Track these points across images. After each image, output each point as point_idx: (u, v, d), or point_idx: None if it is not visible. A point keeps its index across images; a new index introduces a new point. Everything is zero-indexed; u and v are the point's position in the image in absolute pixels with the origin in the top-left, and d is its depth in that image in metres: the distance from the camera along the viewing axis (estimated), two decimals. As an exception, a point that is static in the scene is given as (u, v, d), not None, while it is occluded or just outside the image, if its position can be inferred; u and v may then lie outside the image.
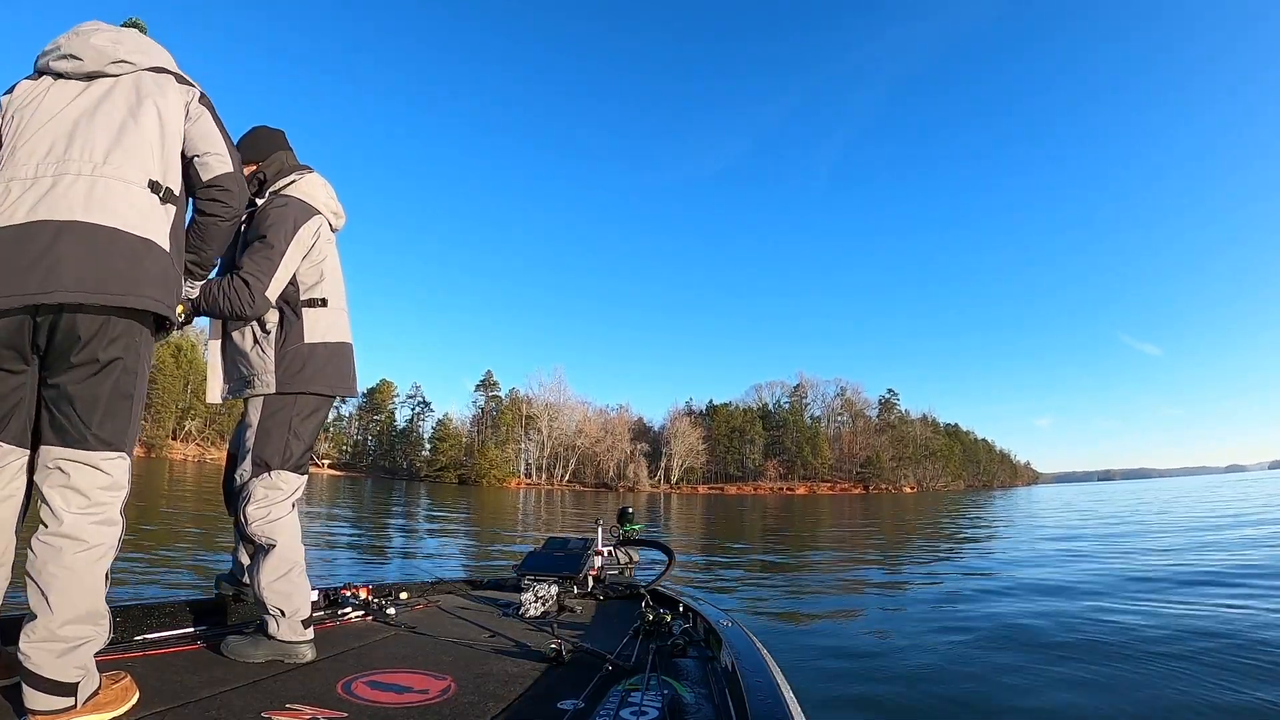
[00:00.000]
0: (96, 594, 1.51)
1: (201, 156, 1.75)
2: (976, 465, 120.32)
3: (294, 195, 2.24)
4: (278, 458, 2.13)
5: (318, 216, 2.25)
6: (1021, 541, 12.99)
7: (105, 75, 1.67)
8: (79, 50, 1.64)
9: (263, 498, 2.10)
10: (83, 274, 1.45)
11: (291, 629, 2.07)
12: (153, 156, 1.62)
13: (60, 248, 1.45)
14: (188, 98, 1.76)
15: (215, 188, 1.77)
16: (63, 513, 1.46)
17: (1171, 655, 4.27)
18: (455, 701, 1.78)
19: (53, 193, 1.48)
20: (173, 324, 1.69)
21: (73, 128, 1.57)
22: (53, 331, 1.47)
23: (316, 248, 2.21)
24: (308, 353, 2.16)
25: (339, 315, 2.27)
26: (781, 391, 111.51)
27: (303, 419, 2.17)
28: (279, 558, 2.08)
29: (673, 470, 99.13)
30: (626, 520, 4.08)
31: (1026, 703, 3.56)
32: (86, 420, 1.50)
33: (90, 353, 1.49)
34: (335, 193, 2.38)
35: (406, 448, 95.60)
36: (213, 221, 1.81)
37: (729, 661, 1.84)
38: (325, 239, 2.26)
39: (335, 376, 2.21)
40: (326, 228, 2.29)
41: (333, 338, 2.22)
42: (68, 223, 1.46)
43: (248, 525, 2.10)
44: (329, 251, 2.27)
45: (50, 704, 1.43)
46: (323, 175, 2.38)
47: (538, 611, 2.99)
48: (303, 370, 2.14)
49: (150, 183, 1.60)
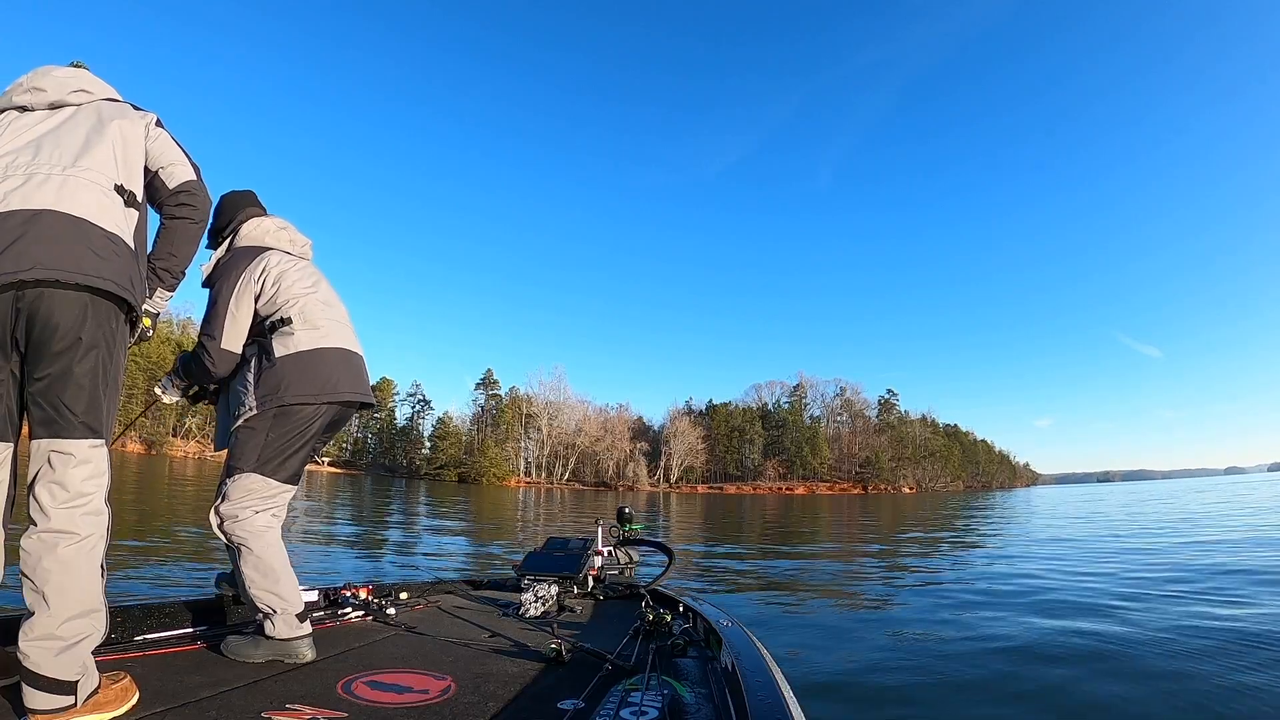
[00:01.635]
0: (93, 587, 1.52)
1: (166, 168, 1.84)
2: (976, 466, 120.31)
3: (240, 246, 2.39)
4: (250, 461, 2.16)
5: (265, 254, 2.34)
6: (1018, 542, 13.00)
7: (67, 104, 1.77)
8: (41, 83, 1.75)
9: (236, 499, 2.14)
10: (59, 254, 1.50)
11: (286, 625, 2.07)
12: (116, 164, 1.71)
13: (34, 230, 1.50)
14: (146, 120, 1.85)
15: (182, 193, 1.85)
16: (50, 509, 1.48)
17: (1168, 654, 4.28)
18: (455, 701, 1.78)
19: (24, 187, 1.54)
20: (140, 320, 1.76)
21: (40, 139, 1.65)
22: (31, 321, 1.50)
23: (269, 282, 2.28)
24: (279, 366, 2.21)
25: (311, 326, 2.27)
26: (781, 391, 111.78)
27: (279, 427, 2.19)
28: (256, 559, 2.11)
29: (672, 469, 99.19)
30: (626, 520, 4.08)
31: (1026, 702, 3.56)
32: (71, 406, 1.53)
33: (70, 337, 1.53)
34: (290, 223, 2.53)
35: (406, 446, 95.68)
36: (182, 225, 1.88)
37: (729, 661, 1.84)
38: (279, 268, 2.32)
39: (314, 382, 2.22)
40: (278, 257, 2.36)
41: (306, 346, 2.24)
42: (40, 210, 1.52)
43: (221, 524, 2.14)
44: (289, 277, 2.31)
45: (50, 703, 1.43)
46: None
47: (538, 611, 3.00)
48: (279, 385, 2.19)
49: (116, 185, 1.68)
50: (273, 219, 2.49)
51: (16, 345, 1.52)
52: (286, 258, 2.38)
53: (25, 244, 1.47)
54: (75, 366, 1.54)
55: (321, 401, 2.23)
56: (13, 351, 1.53)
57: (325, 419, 2.28)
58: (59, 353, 1.52)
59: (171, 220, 1.87)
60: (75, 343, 1.53)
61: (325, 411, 2.26)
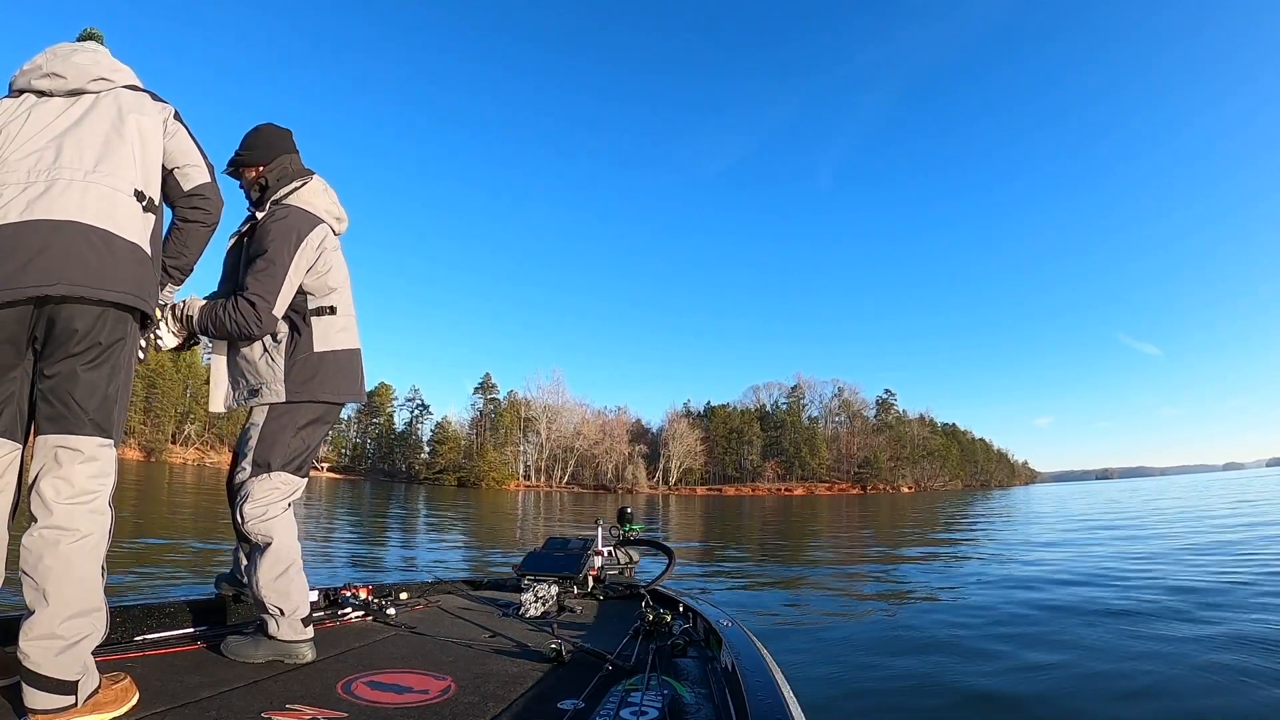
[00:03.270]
0: (94, 587, 1.52)
1: (182, 168, 1.84)
2: (974, 465, 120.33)
3: (295, 205, 2.24)
4: (279, 460, 2.14)
5: (321, 225, 2.24)
6: (1015, 539, 13.01)
7: (87, 92, 1.76)
8: (61, 69, 1.72)
9: (261, 497, 2.12)
10: (84, 268, 1.53)
11: (291, 628, 2.07)
12: (136, 167, 1.71)
13: (60, 243, 1.52)
14: (164, 115, 1.85)
15: (196, 196, 1.86)
16: (54, 503, 1.48)
17: (1168, 654, 4.28)
18: (455, 701, 1.78)
19: (48, 195, 1.55)
20: (152, 321, 1.77)
21: (61, 138, 1.65)
22: (51, 324, 1.53)
23: (322, 258, 2.21)
24: (317, 361, 2.18)
25: (348, 322, 2.28)
26: (779, 392, 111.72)
27: (309, 424, 2.19)
28: (275, 556, 2.09)
29: (671, 472, 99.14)
30: (626, 520, 4.08)
31: (1026, 701, 3.57)
32: (83, 404, 1.55)
33: (89, 340, 1.55)
34: (337, 197, 2.38)
35: (405, 450, 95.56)
36: (194, 228, 1.90)
37: (729, 661, 1.84)
38: (330, 248, 2.25)
39: (344, 384, 2.23)
40: (330, 235, 2.28)
41: (342, 345, 2.23)
42: (65, 221, 1.54)
43: (244, 523, 2.12)
44: (335, 260, 2.27)
45: (51, 703, 1.43)
46: (325, 179, 2.39)
47: (538, 611, 3.00)
48: (313, 379, 2.16)
49: (135, 191, 1.69)
50: (319, 180, 2.34)
51: (34, 344, 1.55)
52: (333, 237, 2.30)
53: (50, 258, 1.50)
54: (90, 367, 1.57)
55: (345, 403, 2.26)
56: (29, 350, 1.55)
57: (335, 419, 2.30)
58: (75, 354, 1.55)
59: (184, 223, 1.89)
60: (92, 345, 1.56)
61: (337, 412, 2.28)
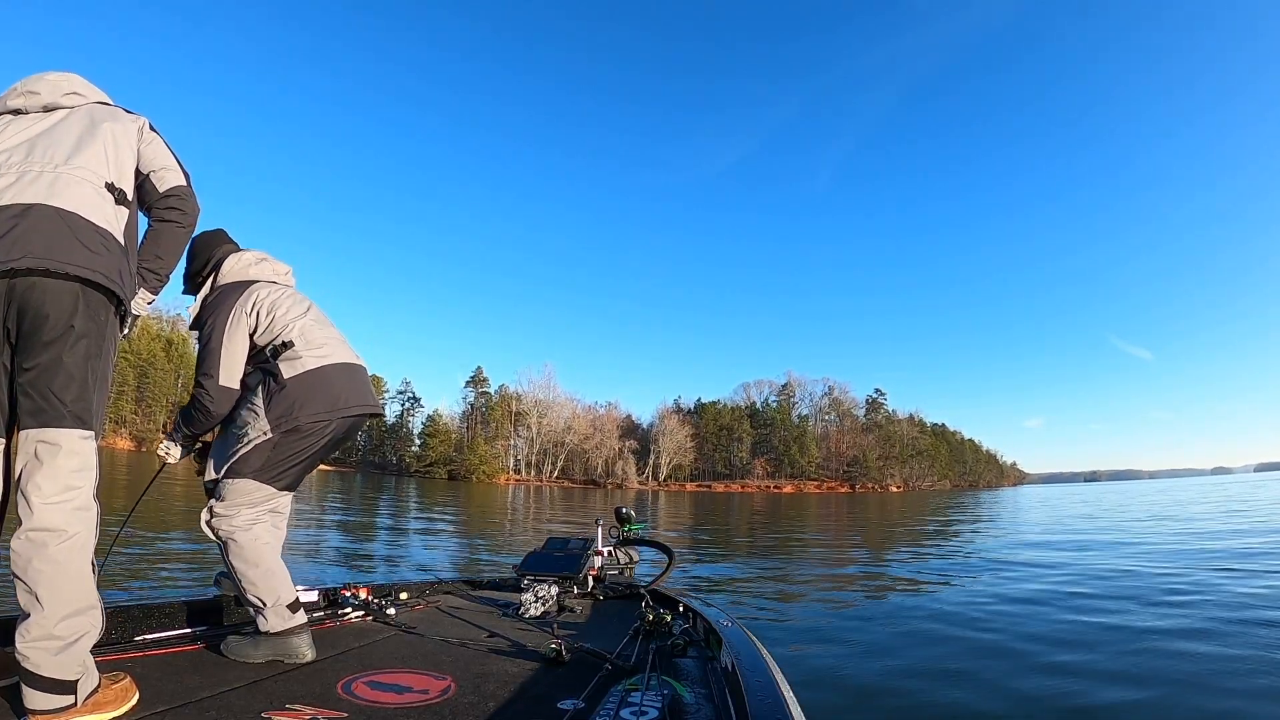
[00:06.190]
0: (86, 584, 1.51)
1: (157, 171, 1.86)
2: (963, 465, 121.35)
3: (225, 283, 2.36)
4: (250, 469, 2.16)
5: (252, 287, 2.33)
6: (1007, 540, 13.12)
7: (61, 106, 1.80)
8: (35, 86, 1.79)
9: (228, 499, 2.14)
10: (50, 244, 1.52)
11: (279, 617, 2.07)
12: (108, 164, 1.73)
13: (27, 222, 1.53)
14: (139, 123, 1.89)
15: (172, 197, 1.87)
16: (38, 505, 1.47)
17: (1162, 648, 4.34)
18: (455, 701, 1.78)
19: (18, 184, 1.58)
20: (129, 315, 1.78)
21: (34, 140, 1.69)
22: (22, 313, 1.51)
23: (262, 313, 2.27)
24: (289, 388, 2.19)
25: (314, 346, 2.28)
26: (770, 390, 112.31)
27: (287, 442, 2.19)
28: (242, 552, 2.11)
29: (661, 467, 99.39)
30: (626, 520, 4.09)
31: (1026, 701, 3.60)
32: (60, 395, 1.53)
33: (61, 326, 1.53)
34: (270, 254, 2.50)
35: (396, 443, 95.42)
36: (169, 228, 1.89)
37: (729, 661, 1.85)
38: (270, 298, 2.30)
39: (325, 400, 2.22)
40: (266, 288, 2.34)
41: (312, 365, 2.24)
42: (34, 204, 1.55)
43: (207, 520, 2.15)
44: (281, 304, 2.30)
45: (50, 703, 1.42)
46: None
47: (538, 611, 3.00)
48: (291, 407, 2.17)
49: (107, 184, 1.71)
50: (250, 252, 2.48)
51: (8, 336, 1.52)
52: (274, 287, 2.37)
53: (17, 234, 1.49)
54: (65, 355, 1.54)
55: (334, 418, 2.24)
56: (4, 343, 1.53)
57: (335, 434, 2.27)
58: (50, 342, 1.52)
59: (160, 223, 1.88)
60: (66, 331, 1.54)
61: (335, 427, 2.26)
